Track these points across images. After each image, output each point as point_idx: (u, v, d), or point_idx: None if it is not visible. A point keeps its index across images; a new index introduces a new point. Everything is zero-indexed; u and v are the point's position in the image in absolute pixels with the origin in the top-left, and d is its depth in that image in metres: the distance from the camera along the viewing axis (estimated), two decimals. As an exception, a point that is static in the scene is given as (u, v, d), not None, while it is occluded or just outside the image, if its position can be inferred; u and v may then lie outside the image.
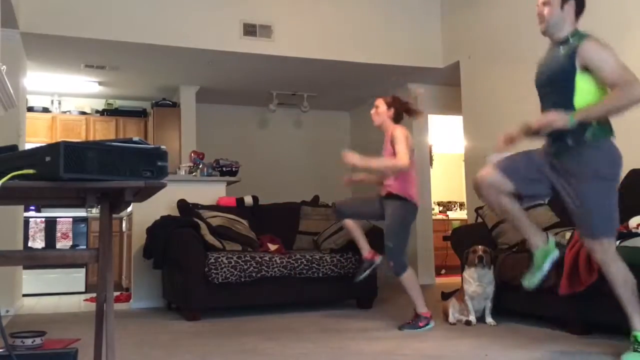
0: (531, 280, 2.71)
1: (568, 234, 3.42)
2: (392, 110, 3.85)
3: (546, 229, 3.79)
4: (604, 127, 2.59)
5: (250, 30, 5.65)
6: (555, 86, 2.66)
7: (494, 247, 4.07)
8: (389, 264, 3.72)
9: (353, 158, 3.69)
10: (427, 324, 3.62)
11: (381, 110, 3.86)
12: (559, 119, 2.51)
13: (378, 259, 3.92)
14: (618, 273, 2.57)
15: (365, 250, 3.96)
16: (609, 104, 2.52)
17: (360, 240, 3.97)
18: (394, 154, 3.70)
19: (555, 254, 2.66)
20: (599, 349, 2.88)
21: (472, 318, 3.69)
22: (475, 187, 2.76)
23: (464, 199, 6.63)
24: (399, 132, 3.73)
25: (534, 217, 3.97)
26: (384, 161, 3.77)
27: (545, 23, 2.69)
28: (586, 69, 2.55)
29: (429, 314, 3.67)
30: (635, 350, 2.55)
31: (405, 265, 3.75)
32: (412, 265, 6.76)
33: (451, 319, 3.77)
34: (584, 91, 2.57)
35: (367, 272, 3.95)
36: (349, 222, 3.97)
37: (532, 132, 2.70)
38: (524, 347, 2.96)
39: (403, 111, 3.89)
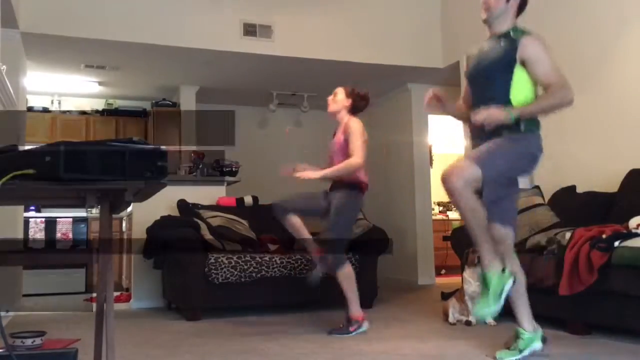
0: (486, 310, 2.47)
1: (568, 234, 3.42)
2: (349, 101, 3.80)
3: (546, 230, 3.79)
4: (534, 120, 2.73)
5: (250, 30, 5.65)
6: (492, 78, 2.71)
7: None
8: (326, 259, 3.53)
9: (306, 174, 3.53)
10: (358, 328, 3.47)
11: (339, 99, 3.80)
12: (500, 114, 2.56)
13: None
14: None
15: (313, 247, 3.68)
16: (545, 103, 2.63)
17: (306, 238, 3.66)
18: (345, 146, 3.62)
19: (510, 282, 2.48)
20: (599, 349, 2.88)
21: (473, 318, 3.69)
22: (446, 179, 2.49)
23: (464, 199, 6.62)
24: (355, 125, 3.66)
25: (533, 217, 3.98)
26: (339, 168, 3.58)
27: (489, 12, 2.78)
28: (523, 64, 2.63)
29: (362, 317, 3.51)
30: (513, 349, 2.66)
31: (345, 260, 3.58)
32: (411, 265, 6.87)
33: (451, 319, 3.77)
34: (520, 85, 2.65)
35: (322, 272, 3.70)
36: (294, 219, 3.63)
37: (474, 125, 2.72)
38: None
39: (361, 105, 3.84)
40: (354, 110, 3.81)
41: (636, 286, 2.88)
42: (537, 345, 2.70)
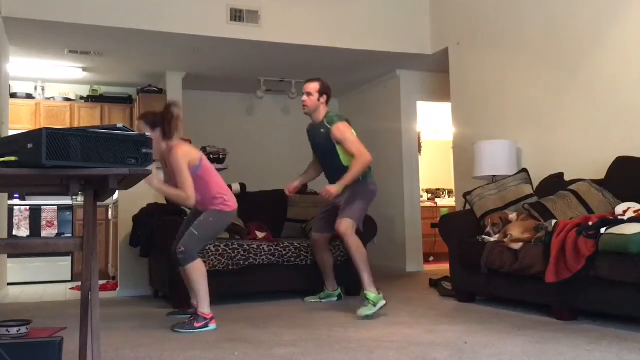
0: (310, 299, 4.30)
1: (554, 221, 3.44)
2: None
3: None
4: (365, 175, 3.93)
5: (237, 15, 5.58)
6: (326, 154, 4.00)
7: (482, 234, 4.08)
8: (179, 249, 3.37)
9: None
10: (204, 326, 3.28)
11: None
12: (334, 190, 3.80)
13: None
14: (354, 243, 3.82)
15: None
16: (354, 170, 3.82)
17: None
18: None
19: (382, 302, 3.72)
20: (585, 334, 2.91)
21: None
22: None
23: (452, 186, 6.65)
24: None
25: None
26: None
27: (306, 108, 3.97)
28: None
29: (210, 316, 3.34)
30: (365, 306, 3.65)
31: (196, 255, 3.43)
32: (399, 252, 6.90)
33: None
34: (343, 155, 3.92)
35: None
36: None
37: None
38: (509, 334, 2.98)
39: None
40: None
41: (622, 272, 2.91)
42: (334, 298, 4.36)
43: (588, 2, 4.45)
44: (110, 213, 6.29)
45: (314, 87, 3.97)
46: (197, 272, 3.39)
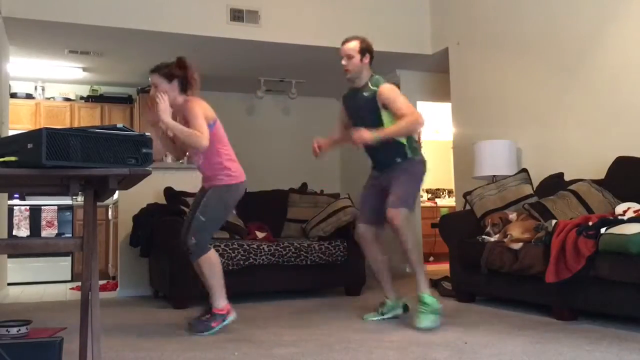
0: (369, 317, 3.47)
1: (554, 221, 3.44)
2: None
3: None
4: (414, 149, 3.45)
5: (237, 15, 5.58)
6: (367, 120, 3.39)
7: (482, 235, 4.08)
8: (187, 241, 3.12)
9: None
10: (223, 322, 3.13)
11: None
12: (368, 136, 3.29)
13: None
14: (410, 239, 3.31)
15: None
16: (397, 127, 3.31)
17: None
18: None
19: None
20: (584, 334, 2.91)
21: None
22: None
23: (452, 186, 6.65)
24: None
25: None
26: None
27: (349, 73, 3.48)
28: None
29: (227, 309, 3.16)
30: (422, 312, 3.21)
31: (207, 245, 3.19)
32: (399, 252, 6.86)
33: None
34: (387, 120, 3.37)
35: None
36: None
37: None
38: (509, 334, 2.98)
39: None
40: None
41: (622, 272, 2.91)
42: (399, 311, 3.50)
43: (588, 2, 4.44)
44: (110, 213, 6.29)
45: (353, 47, 3.43)
46: (210, 264, 3.13)
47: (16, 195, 6.41)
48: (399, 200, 3.27)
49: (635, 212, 3.30)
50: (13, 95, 6.72)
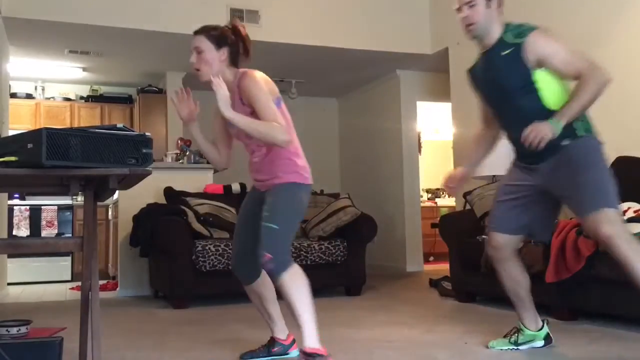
0: (498, 345, 2.65)
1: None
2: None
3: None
4: (586, 124, 2.39)
5: (237, 15, 5.57)
6: (514, 93, 2.35)
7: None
8: (264, 258, 2.28)
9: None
10: None
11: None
12: (548, 129, 2.17)
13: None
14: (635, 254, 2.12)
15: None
16: (584, 96, 2.26)
17: None
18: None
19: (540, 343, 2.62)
20: (584, 334, 2.91)
21: None
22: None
23: (451, 186, 6.65)
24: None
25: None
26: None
27: (473, 26, 2.45)
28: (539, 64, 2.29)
29: (325, 351, 2.33)
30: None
31: (289, 258, 2.35)
32: (400, 252, 6.89)
33: None
34: (548, 88, 2.32)
35: None
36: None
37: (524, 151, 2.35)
38: (511, 333, 2.98)
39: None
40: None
41: (622, 272, 2.89)
42: (538, 343, 2.63)
43: (589, 2, 4.44)
44: (110, 213, 6.29)
45: None
46: (296, 282, 2.32)
47: (16, 195, 6.41)
48: (595, 198, 2.23)
49: (635, 212, 3.30)
50: (13, 95, 6.72)
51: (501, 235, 2.53)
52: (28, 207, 6.44)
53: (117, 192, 4.22)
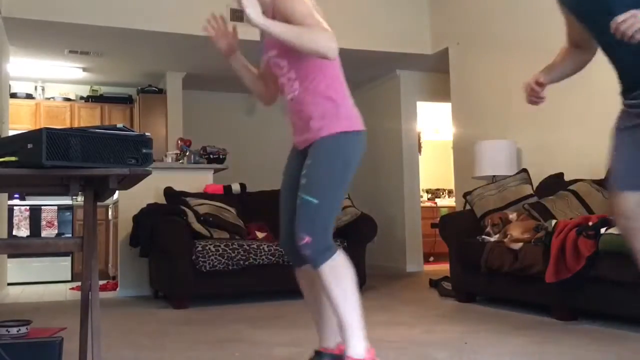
0: None
1: (554, 221, 3.44)
2: None
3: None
4: None
5: (237, 15, 5.58)
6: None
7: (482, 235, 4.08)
8: (301, 241, 1.93)
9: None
10: None
11: None
12: None
13: None
14: None
15: None
16: None
17: None
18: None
19: None
20: (584, 334, 2.91)
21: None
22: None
23: (452, 186, 6.65)
24: None
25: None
26: None
27: None
28: None
29: (372, 353, 2.01)
30: None
31: (331, 241, 1.97)
32: (400, 252, 6.89)
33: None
34: None
35: None
36: None
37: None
38: (509, 334, 2.98)
39: None
40: None
41: (622, 272, 2.90)
42: None
43: None
44: (110, 213, 6.29)
45: None
46: (339, 274, 1.95)
47: (16, 195, 6.41)
48: None
49: (635, 212, 3.30)
50: (13, 95, 6.72)
51: (629, 194, 1.85)
52: (28, 207, 6.44)
53: (117, 192, 4.23)
